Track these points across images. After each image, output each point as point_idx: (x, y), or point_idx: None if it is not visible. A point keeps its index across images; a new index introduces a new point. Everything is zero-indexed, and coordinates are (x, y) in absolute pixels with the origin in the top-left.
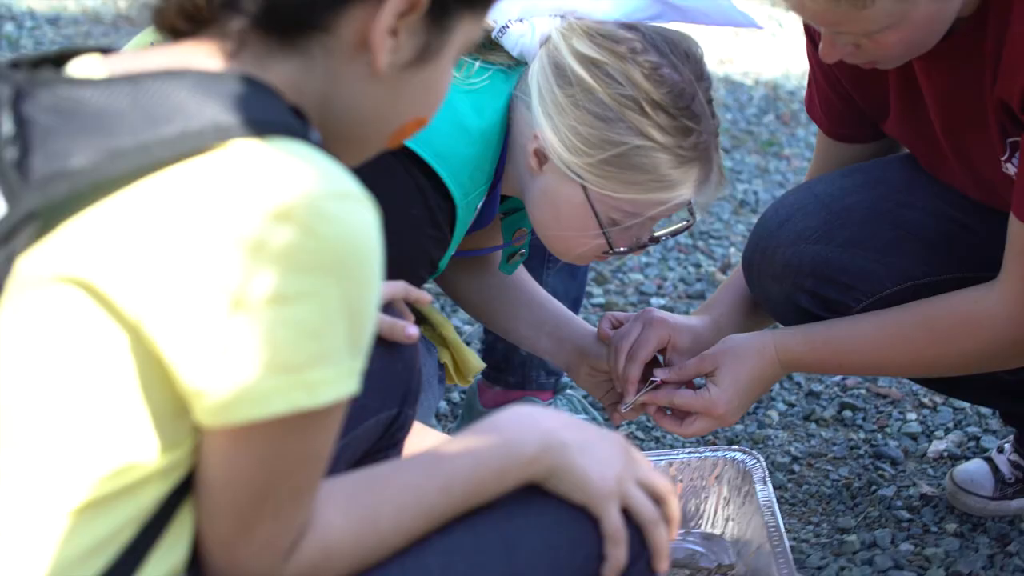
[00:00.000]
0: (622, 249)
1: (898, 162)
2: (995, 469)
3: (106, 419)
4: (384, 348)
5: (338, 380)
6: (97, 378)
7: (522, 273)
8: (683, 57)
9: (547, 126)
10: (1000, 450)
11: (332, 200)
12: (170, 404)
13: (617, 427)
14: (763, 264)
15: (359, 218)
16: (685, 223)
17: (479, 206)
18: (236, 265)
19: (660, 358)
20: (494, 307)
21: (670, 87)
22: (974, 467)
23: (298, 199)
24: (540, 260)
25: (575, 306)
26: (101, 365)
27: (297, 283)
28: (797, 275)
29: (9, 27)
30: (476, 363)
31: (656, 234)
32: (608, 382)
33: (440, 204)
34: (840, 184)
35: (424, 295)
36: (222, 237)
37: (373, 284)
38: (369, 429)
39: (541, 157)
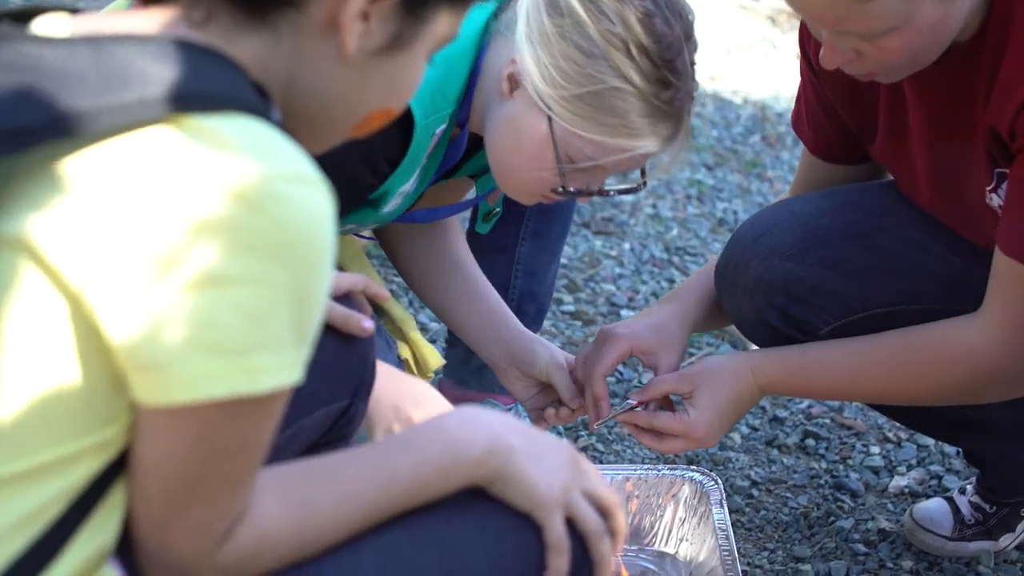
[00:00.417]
0: (571, 189)
1: (878, 188)
2: (955, 509)
3: (40, 389)
4: (339, 339)
5: (280, 368)
6: (34, 345)
7: (469, 258)
8: (676, 14)
9: (528, 53)
10: (962, 491)
11: (286, 182)
12: (107, 379)
13: (576, 439)
14: (735, 277)
15: (313, 202)
16: (637, 184)
17: (439, 133)
18: (182, 242)
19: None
20: (434, 280)
21: (659, 37)
22: (934, 505)
23: (251, 178)
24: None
25: (539, 314)
26: (39, 333)
27: (243, 265)
28: (769, 291)
29: None
30: (436, 360)
31: (607, 188)
32: (535, 386)
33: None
34: (818, 204)
35: (383, 292)
36: (171, 212)
37: (323, 271)
38: (318, 420)
39: (514, 83)
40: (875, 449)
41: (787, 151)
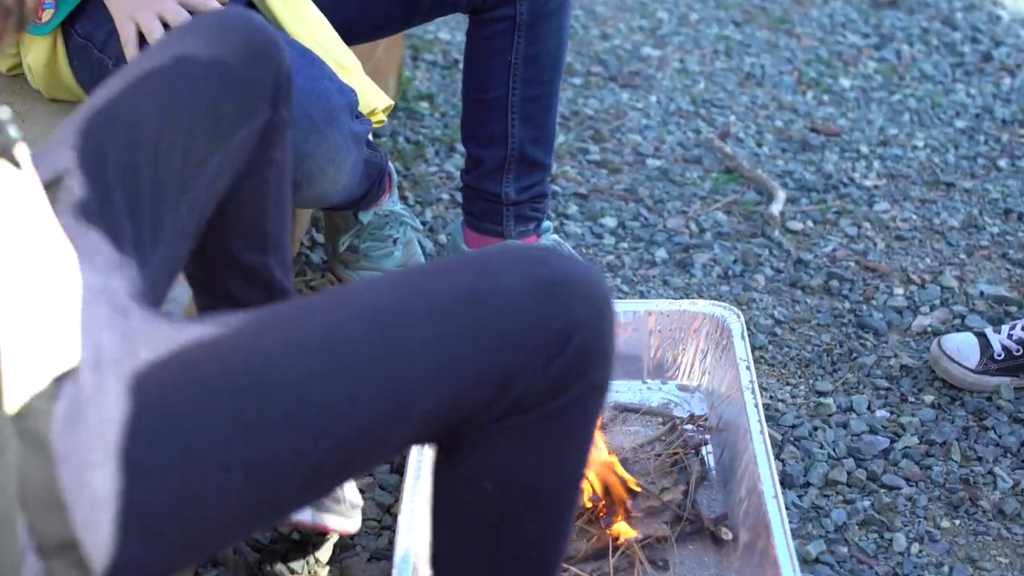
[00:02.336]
0: None
1: None
2: (986, 344)
3: None
4: (227, 45)
5: None
6: None
7: None
8: None
9: None
10: (996, 330)
11: None
12: None
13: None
14: None
15: None
16: None
17: None
18: None
19: None
20: None
21: None
22: (963, 338)
23: None
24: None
25: (547, 155)
26: None
27: None
28: None
29: None
30: (379, 100)
31: None
32: None
33: None
34: None
35: None
36: None
37: None
38: (242, 143)
39: None
40: (899, 290)
41: (816, 8)
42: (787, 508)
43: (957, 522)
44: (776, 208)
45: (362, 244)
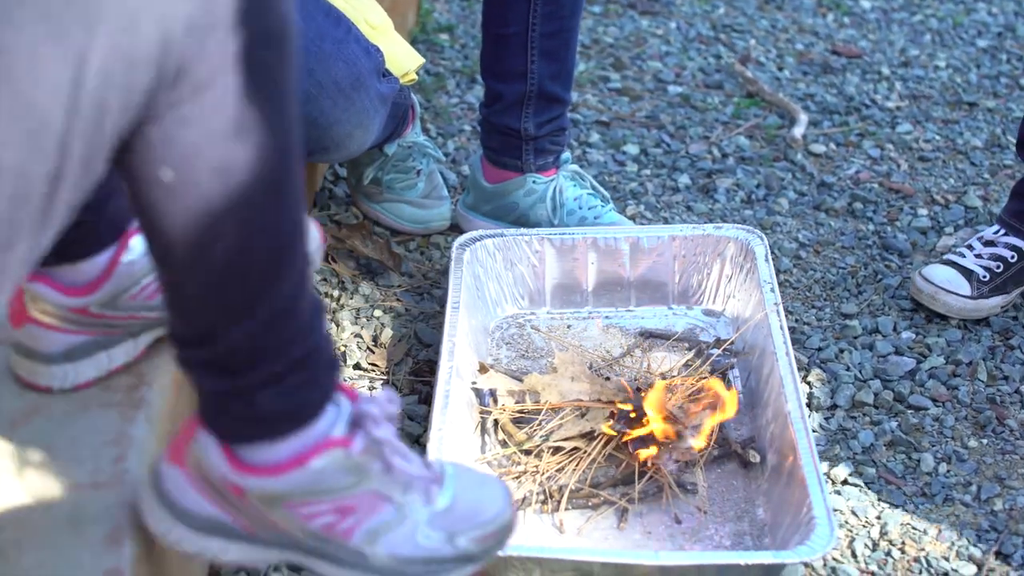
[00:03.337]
0: None
1: None
2: (967, 271)
3: None
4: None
5: None
6: None
7: None
8: None
9: None
10: (961, 255)
11: None
12: None
13: (624, 208)
14: None
15: None
16: None
17: None
18: None
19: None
20: None
21: None
22: (944, 270)
23: None
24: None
25: (565, 85)
26: None
27: None
28: None
29: None
30: (411, 61)
31: None
32: None
33: None
34: None
35: None
36: None
37: None
38: None
39: None
40: (922, 211)
41: None
42: (814, 430)
43: (984, 441)
44: (798, 131)
45: (385, 176)
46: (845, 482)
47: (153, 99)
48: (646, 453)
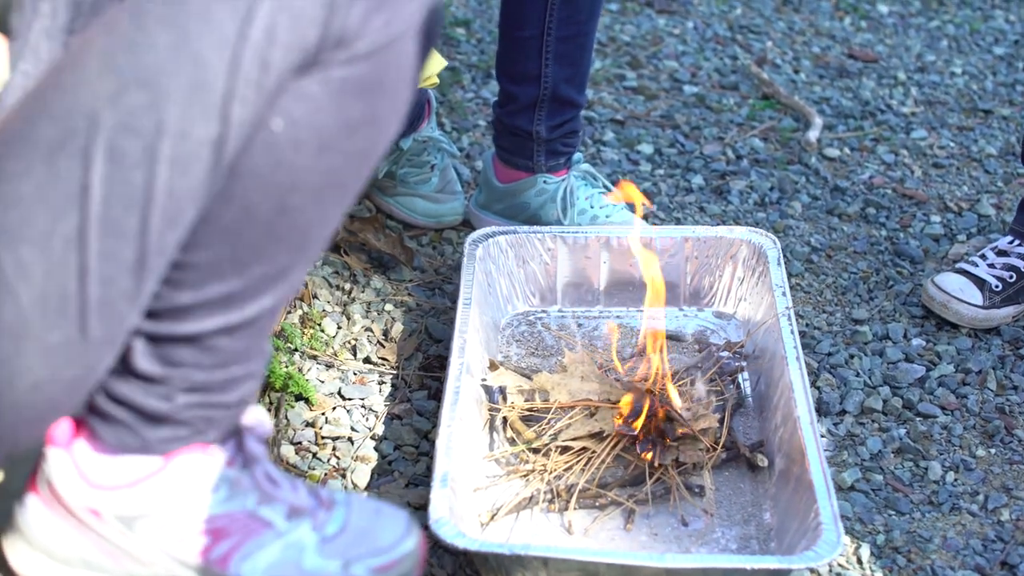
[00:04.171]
0: None
1: None
2: (979, 280)
3: None
4: None
5: None
6: None
7: None
8: None
9: None
10: (974, 264)
11: None
12: None
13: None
14: None
15: None
16: None
17: None
18: None
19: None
20: None
21: None
22: (956, 278)
23: None
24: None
25: (580, 94)
26: None
27: None
28: None
29: None
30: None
31: None
32: None
33: None
34: None
35: None
36: None
37: None
38: None
39: None
40: (935, 218)
41: None
42: (822, 436)
43: (992, 451)
44: (813, 135)
45: (400, 170)
46: (852, 488)
47: (312, 58)
48: (655, 455)
